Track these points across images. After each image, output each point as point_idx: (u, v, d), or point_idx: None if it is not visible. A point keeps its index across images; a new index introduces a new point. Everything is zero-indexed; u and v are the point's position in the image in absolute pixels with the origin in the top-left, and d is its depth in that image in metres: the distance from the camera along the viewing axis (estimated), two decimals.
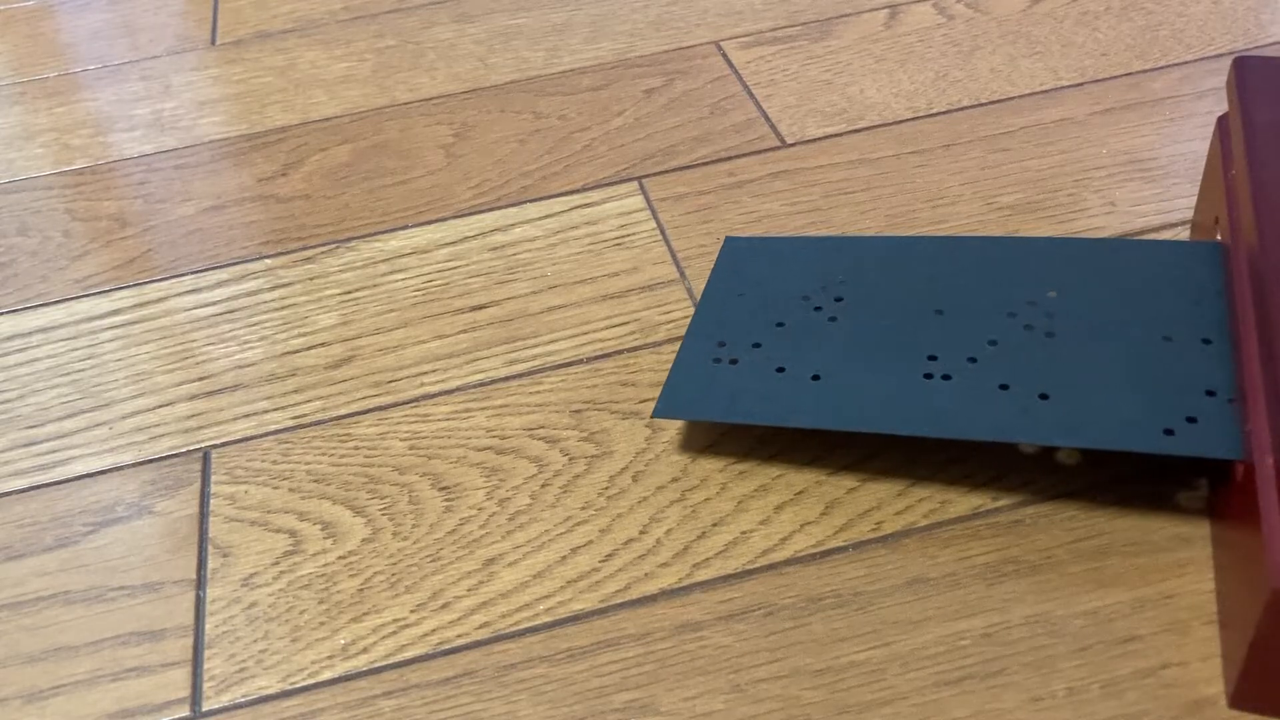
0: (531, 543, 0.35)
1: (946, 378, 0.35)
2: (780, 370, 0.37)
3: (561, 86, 0.58)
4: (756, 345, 0.38)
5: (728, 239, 0.44)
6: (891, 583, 0.33)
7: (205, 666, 0.33)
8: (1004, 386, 0.35)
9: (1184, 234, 0.44)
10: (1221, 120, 0.40)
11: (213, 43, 0.66)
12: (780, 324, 0.39)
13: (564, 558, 0.35)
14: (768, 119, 0.53)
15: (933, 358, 0.36)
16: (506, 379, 0.41)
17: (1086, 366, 0.35)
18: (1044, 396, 0.34)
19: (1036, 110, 0.51)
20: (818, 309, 0.39)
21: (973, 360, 0.36)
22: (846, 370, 0.37)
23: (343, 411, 0.41)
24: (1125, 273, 0.38)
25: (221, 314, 0.46)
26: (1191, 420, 0.32)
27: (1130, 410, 0.33)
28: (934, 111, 0.52)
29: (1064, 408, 0.34)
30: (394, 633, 0.33)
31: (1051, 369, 0.35)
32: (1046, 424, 0.33)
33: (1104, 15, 0.58)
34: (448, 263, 0.47)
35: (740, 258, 0.43)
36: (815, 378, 0.37)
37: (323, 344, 0.44)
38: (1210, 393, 0.33)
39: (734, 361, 0.38)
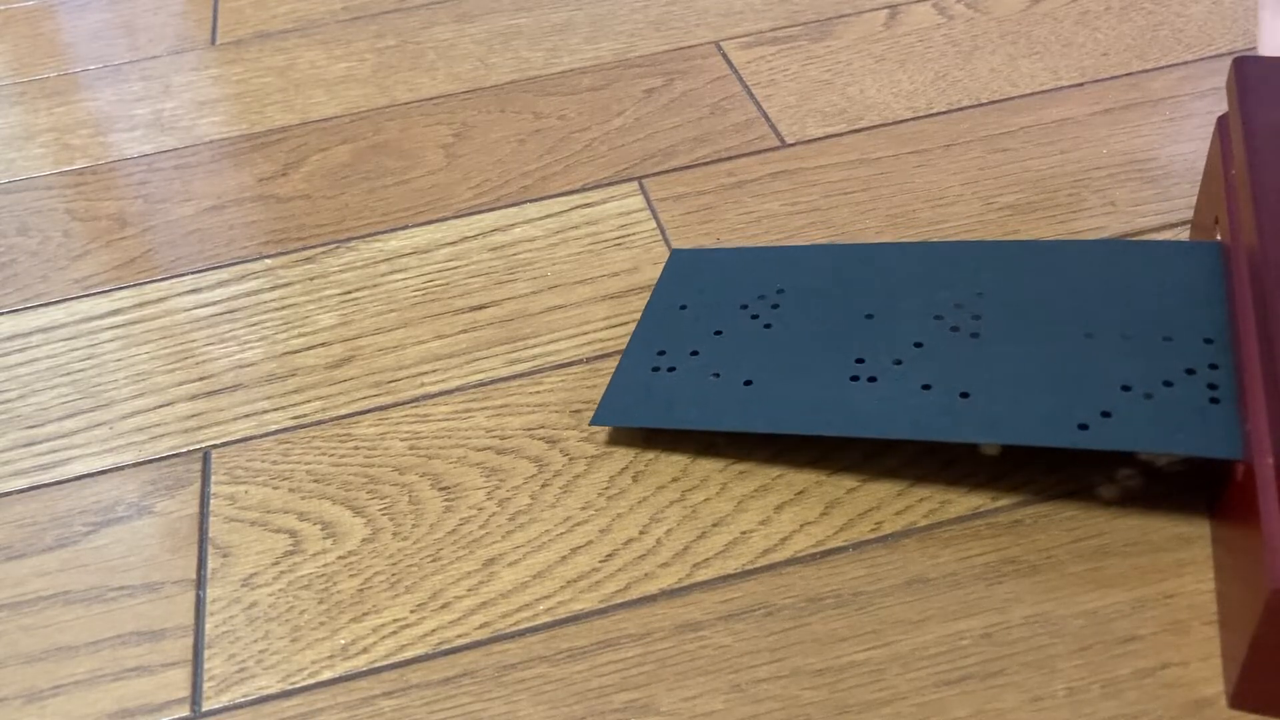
0: (531, 543, 0.35)
1: (872, 379, 0.36)
2: (715, 376, 0.38)
3: (561, 86, 0.58)
4: (694, 353, 0.39)
5: (674, 251, 0.45)
6: (891, 583, 0.33)
7: (205, 666, 0.33)
8: (926, 387, 0.35)
9: (1184, 234, 0.44)
10: (1221, 120, 0.40)
11: (213, 43, 0.66)
12: (718, 332, 0.40)
13: (564, 558, 0.35)
14: (768, 119, 0.53)
15: (860, 360, 0.37)
16: (506, 379, 0.41)
17: (1008, 365, 0.35)
18: (964, 395, 0.35)
19: (1036, 110, 0.51)
20: (755, 317, 0.40)
21: (898, 362, 0.37)
22: (777, 375, 0.37)
23: (343, 411, 0.41)
24: (1088, 272, 0.38)
25: (221, 314, 0.46)
26: (1106, 415, 0.33)
27: (1046, 406, 0.34)
28: (934, 111, 0.52)
29: (982, 405, 0.34)
30: (394, 633, 0.33)
31: (973, 369, 0.36)
32: (964, 422, 0.34)
33: (1104, 15, 0.58)
34: (448, 263, 0.47)
35: (685, 269, 0.44)
36: (748, 383, 0.37)
37: (323, 344, 0.44)
38: (1126, 388, 0.33)
39: (672, 370, 0.39)
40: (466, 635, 0.33)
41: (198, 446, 0.40)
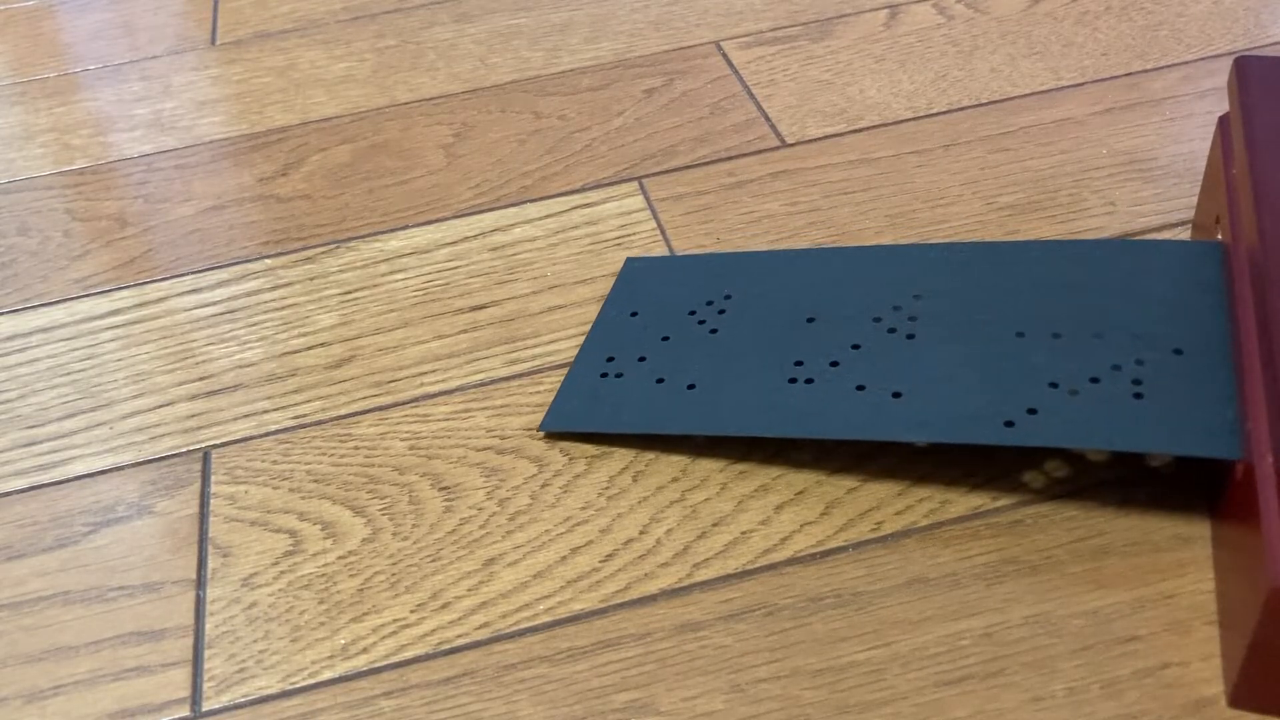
0: (531, 543, 0.35)
1: (809, 381, 0.37)
2: (660, 381, 0.39)
3: (561, 86, 0.58)
4: (642, 359, 0.40)
5: (628, 260, 0.46)
6: (891, 583, 0.33)
7: (205, 666, 0.33)
8: (860, 387, 0.36)
9: (1184, 234, 0.44)
10: (1223, 120, 0.40)
11: (213, 43, 0.66)
12: (666, 338, 0.40)
13: (564, 558, 0.35)
14: (768, 119, 0.53)
15: (799, 363, 0.38)
16: (506, 379, 0.41)
17: (940, 365, 0.36)
18: (897, 395, 0.35)
19: (1036, 110, 0.51)
20: (702, 323, 0.41)
21: (835, 364, 0.37)
22: (720, 378, 0.38)
23: (343, 411, 0.41)
24: (1049, 273, 0.39)
25: (221, 314, 0.46)
26: (1032, 412, 0.33)
27: (974, 405, 0.34)
28: (934, 111, 0.52)
29: (913, 405, 0.35)
30: (394, 633, 0.33)
31: (907, 369, 0.36)
32: (894, 420, 0.35)
33: (1104, 15, 0.58)
34: (448, 263, 0.47)
35: (638, 277, 0.44)
36: (691, 387, 0.38)
37: (323, 344, 0.44)
38: (1053, 385, 0.34)
39: (619, 375, 0.40)
40: (466, 635, 0.33)
41: (198, 446, 0.40)
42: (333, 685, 0.32)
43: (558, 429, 0.39)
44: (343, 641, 0.33)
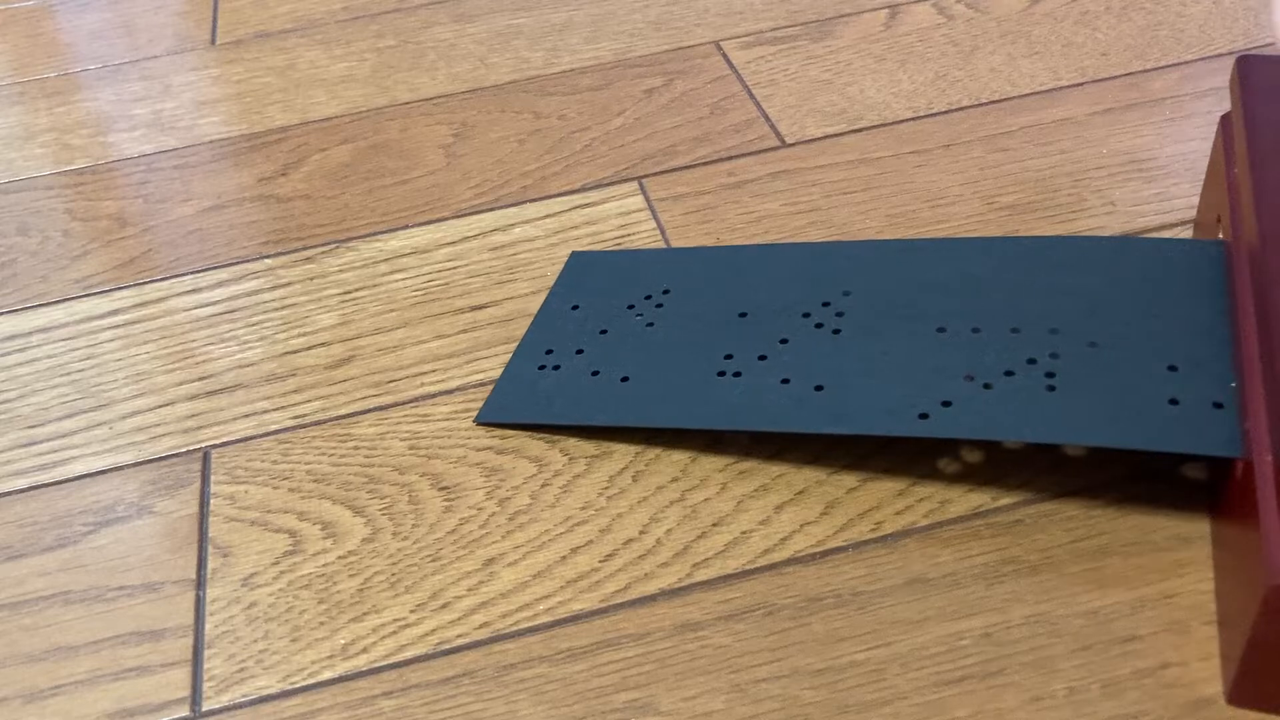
0: (531, 543, 0.35)
1: (737, 375, 0.38)
2: (595, 374, 0.39)
3: (561, 86, 0.58)
4: (579, 352, 0.41)
5: (574, 254, 0.46)
6: (891, 583, 0.33)
7: (205, 666, 0.33)
8: (785, 381, 0.37)
9: (1185, 233, 0.44)
10: (1224, 119, 0.40)
11: (213, 43, 0.66)
12: (603, 331, 0.41)
13: (564, 558, 0.35)
14: (768, 119, 0.53)
15: (729, 357, 0.38)
16: None
17: (862, 360, 0.37)
18: (819, 388, 0.36)
19: (1036, 110, 0.51)
20: (639, 316, 0.41)
21: (763, 358, 0.38)
22: (652, 371, 0.39)
23: (343, 411, 0.41)
24: (983, 269, 0.39)
25: (221, 314, 0.46)
26: (946, 404, 0.34)
27: (892, 398, 0.35)
28: (934, 111, 0.52)
29: (833, 398, 0.36)
30: (394, 633, 0.33)
31: (830, 363, 0.37)
32: (814, 413, 0.35)
33: (1104, 15, 0.58)
34: (448, 263, 0.47)
35: (582, 271, 0.45)
36: (624, 379, 0.39)
37: (323, 344, 0.44)
38: (969, 378, 0.35)
39: (556, 368, 0.40)
40: (466, 635, 0.33)
41: (198, 446, 0.40)
42: (333, 685, 0.32)
43: (493, 420, 0.39)
44: (343, 641, 0.33)
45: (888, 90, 0.54)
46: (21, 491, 0.39)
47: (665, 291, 0.42)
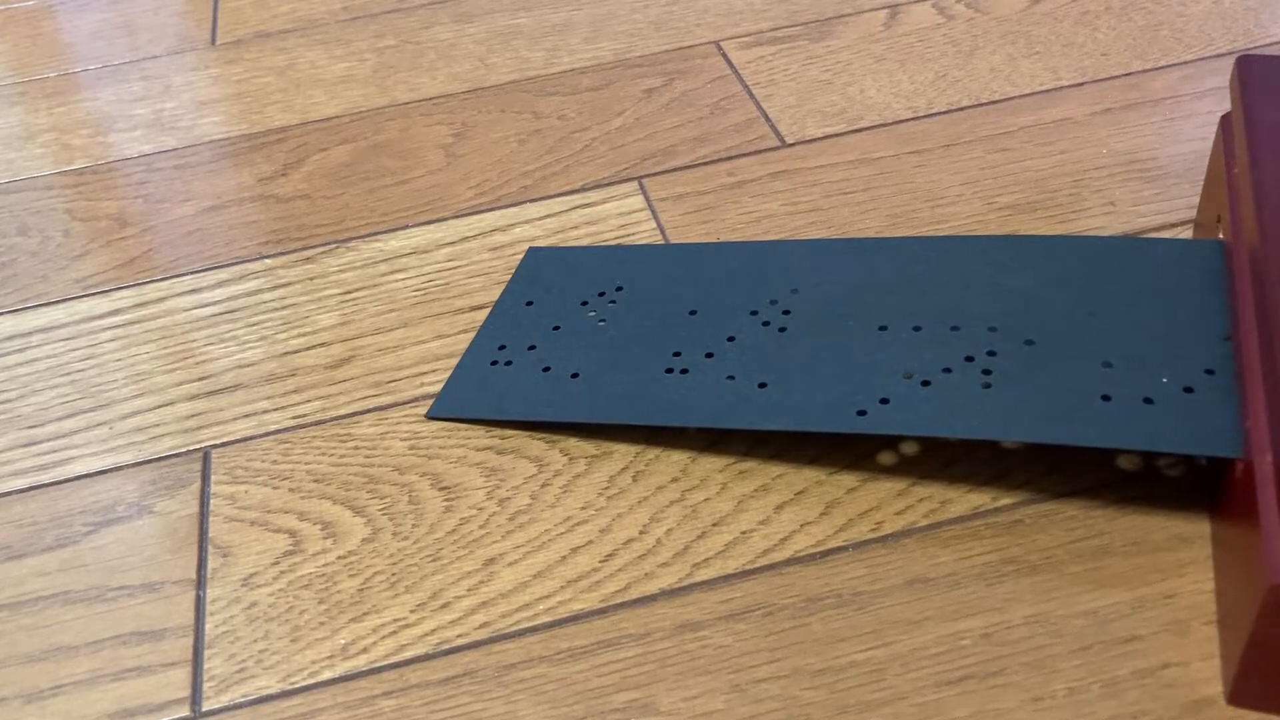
0: (531, 543, 0.35)
1: (685, 372, 0.38)
2: (546, 370, 0.40)
3: (561, 86, 0.58)
4: (532, 348, 0.41)
5: (530, 249, 0.47)
6: (891, 583, 0.33)
7: (205, 666, 0.33)
8: (731, 378, 0.37)
9: (1185, 233, 0.44)
10: (1225, 119, 0.40)
11: (213, 43, 0.66)
12: (556, 328, 0.42)
13: (564, 558, 0.35)
14: (768, 119, 0.53)
15: (677, 354, 0.39)
16: None
17: (805, 357, 0.37)
18: (762, 385, 0.37)
19: (1036, 110, 0.51)
20: (592, 313, 0.42)
21: (710, 355, 0.39)
22: (602, 368, 0.39)
23: (343, 411, 0.41)
24: (929, 266, 0.40)
25: (221, 314, 0.46)
26: (884, 401, 0.35)
27: (832, 395, 0.36)
28: (934, 111, 0.52)
29: (776, 395, 0.36)
30: (394, 632, 0.33)
31: (774, 361, 0.38)
32: (757, 410, 0.36)
33: (1104, 15, 0.58)
34: (448, 263, 0.47)
35: (538, 267, 0.46)
36: (575, 375, 0.39)
37: (323, 344, 0.44)
38: (907, 375, 0.35)
39: (509, 364, 0.41)
40: (466, 635, 0.33)
41: (198, 446, 0.40)
42: (333, 685, 0.32)
43: (444, 416, 0.40)
44: (343, 641, 0.33)
45: (888, 90, 0.54)
46: (21, 491, 0.39)
47: (619, 289, 0.43)
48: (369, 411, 0.41)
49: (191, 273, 0.48)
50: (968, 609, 0.32)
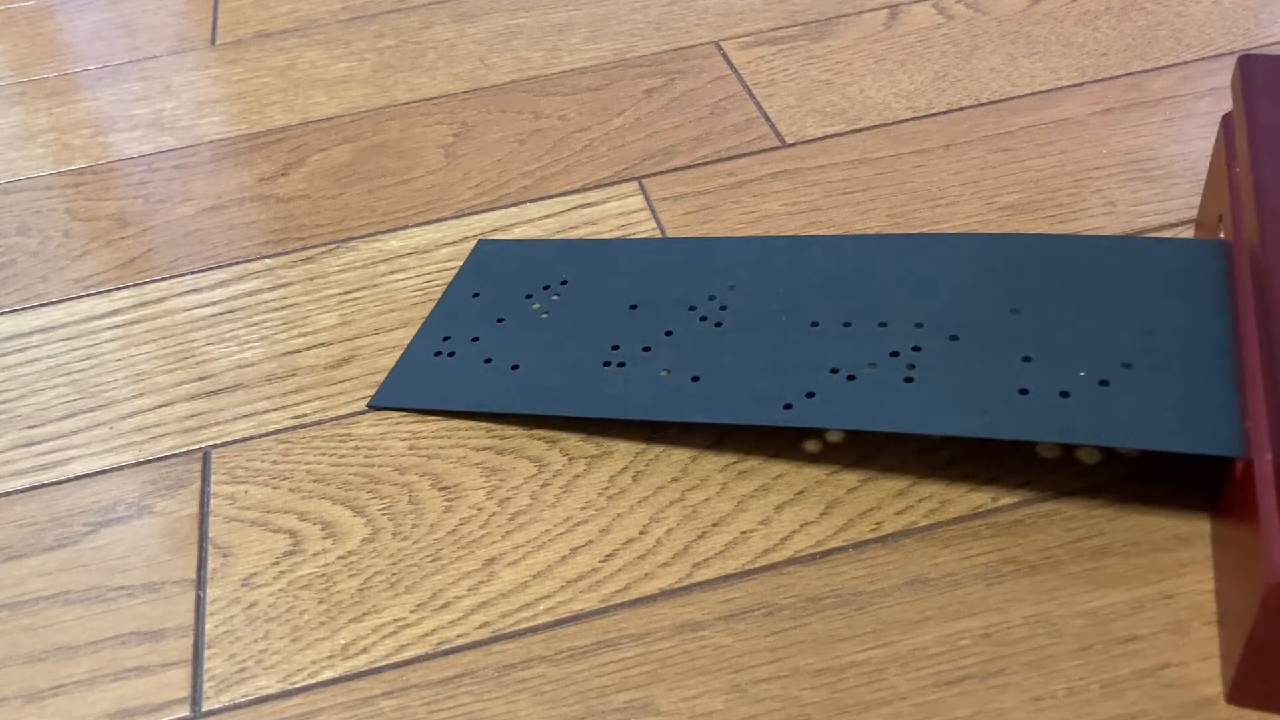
0: (531, 543, 0.35)
1: (622, 365, 0.39)
2: (488, 361, 0.41)
3: (561, 86, 0.58)
4: (475, 339, 0.42)
5: (480, 241, 0.47)
6: (891, 583, 0.33)
7: (205, 666, 0.33)
8: (666, 371, 0.38)
9: (1186, 233, 0.44)
10: (1226, 119, 0.40)
11: (213, 43, 0.66)
12: (500, 319, 0.42)
13: (564, 558, 0.35)
14: (768, 119, 0.53)
15: (616, 348, 0.40)
16: None
17: (738, 352, 0.38)
18: (695, 379, 0.38)
19: (1036, 110, 0.51)
20: (536, 306, 0.43)
21: (647, 349, 0.40)
22: (542, 360, 0.40)
23: (343, 411, 0.41)
24: (868, 263, 0.41)
25: (221, 314, 0.46)
26: (810, 395, 0.36)
27: (761, 389, 0.36)
28: (934, 111, 0.52)
29: (707, 388, 0.37)
30: (394, 633, 0.33)
31: (708, 355, 0.38)
32: (690, 403, 0.37)
33: (1104, 15, 0.58)
34: (448, 263, 0.47)
35: (486, 259, 0.46)
36: (515, 367, 0.40)
37: (323, 344, 0.44)
38: (834, 370, 0.36)
39: (452, 355, 0.42)
40: (466, 635, 0.33)
41: (198, 446, 0.40)
42: (333, 685, 0.32)
43: (385, 405, 0.40)
44: (343, 641, 0.33)
45: (888, 90, 0.54)
46: (21, 491, 0.39)
47: (563, 282, 0.44)
48: (369, 411, 0.41)
49: (191, 273, 0.48)
50: (968, 609, 0.32)
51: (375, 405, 0.41)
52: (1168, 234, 0.44)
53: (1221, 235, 0.38)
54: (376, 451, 0.39)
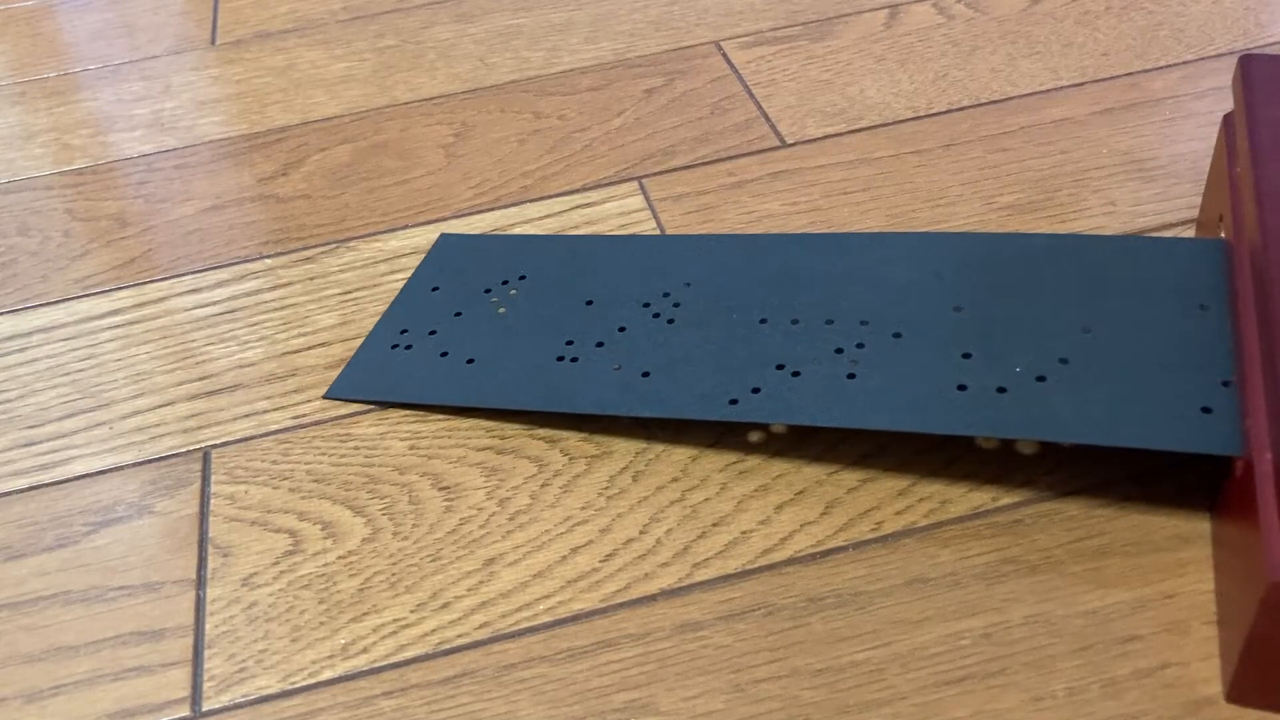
0: (531, 542, 0.35)
1: (575, 360, 0.40)
2: (444, 355, 0.41)
3: (561, 86, 0.58)
4: (432, 333, 0.43)
5: (442, 235, 0.48)
6: (891, 583, 0.33)
7: (205, 666, 0.33)
8: (618, 367, 0.39)
9: (1186, 233, 0.44)
10: (1227, 118, 0.40)
11: (213, 43, 0.66)
12: (458, 314, 0.43)
13: (564, 557, 0.35)
14: (768, 119, 0.53)
15: (570, 343, 0.40)
16: None
17: (687, 348, 0.39)
18: (646, 374, 0.38)
19: (1036, 110, 0.51)
20: (494, 300, 0.43)
21: (600, 345, 0.40)
22: (497, 354, 0.41)
23: (343, 411, 0.41)
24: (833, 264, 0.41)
25: (221, 314, 0.46)
26: (755, 391, 0.36)
27: (708, 384, 0.37)
28: (934, 111, 0.52)
29: (656, 383, 0.38)
30: (394, 632, 0.33)
31: (659, 351, 0.39)
32: (638, 398, 0.38)
33: (1104, 15, 0.58)
34: None
35: (448, 253, 0.47)
36: (470, 361, 0.41)
37: (323, 344, 0.44)
38: (780, 366, 0.37)
39: (409, 347, 0.42)
40: (466, 635, 0.33)
41: (198, 446, 0.40)
42: (333, 685, 0.32)
43: (341, 397, 0.41)
44: (343, 641, 0.33)
45: (888, 90, 0.54)
46: (21, 491, 0.39)
47: (522, 278, 0.44)
48: (369, 411, 0.41)
49: (191, 273, 0.48)
50: (968, 609, 0.32)
51: (331, 396, 0.41)
52: (1168, 234, 0.44)
53: (1222, 235, 0.38)
54: (376, 451, 0.39)
